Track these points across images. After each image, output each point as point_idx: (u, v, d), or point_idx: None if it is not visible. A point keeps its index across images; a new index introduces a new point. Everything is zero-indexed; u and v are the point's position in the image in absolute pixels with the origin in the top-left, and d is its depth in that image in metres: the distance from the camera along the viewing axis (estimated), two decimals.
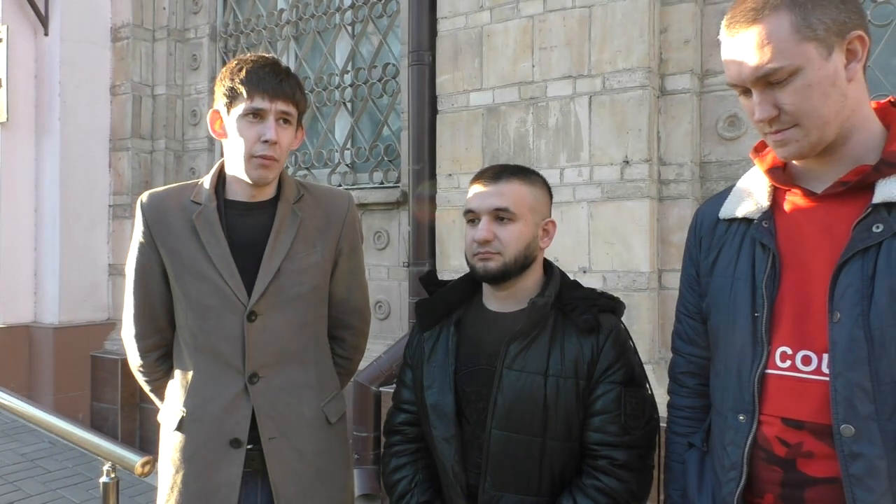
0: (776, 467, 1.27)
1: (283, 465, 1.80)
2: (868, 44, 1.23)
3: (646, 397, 1.65)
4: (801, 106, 1.20)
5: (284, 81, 1.74)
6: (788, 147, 1.24)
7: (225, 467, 1.76)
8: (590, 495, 1.56)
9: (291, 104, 1.76)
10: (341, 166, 4.85)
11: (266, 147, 1.72)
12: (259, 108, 1.72)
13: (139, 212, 1.85)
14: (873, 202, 1.20)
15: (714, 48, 3.28)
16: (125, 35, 5.67)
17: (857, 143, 1.27)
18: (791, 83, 1.19)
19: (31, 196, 5.59)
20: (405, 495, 1.75)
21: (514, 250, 1.63)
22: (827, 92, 1.20)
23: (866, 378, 1.17)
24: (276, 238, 1.80)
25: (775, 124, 1.23)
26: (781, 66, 1.19)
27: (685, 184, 3.24)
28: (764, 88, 1.22)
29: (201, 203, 1.81)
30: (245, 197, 1.83)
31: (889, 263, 1.17)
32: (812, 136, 1.22)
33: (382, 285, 4.45)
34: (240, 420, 1.77)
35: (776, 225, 1.34)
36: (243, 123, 1.74)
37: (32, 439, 4.92)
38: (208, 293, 1.77)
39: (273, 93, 1.72)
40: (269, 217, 1.83)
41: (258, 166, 1.74)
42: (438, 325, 1.77)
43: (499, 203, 1.64)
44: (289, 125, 1.77)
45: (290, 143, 1.80)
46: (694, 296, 1.52)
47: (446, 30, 3.84)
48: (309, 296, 1.85)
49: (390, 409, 1.89)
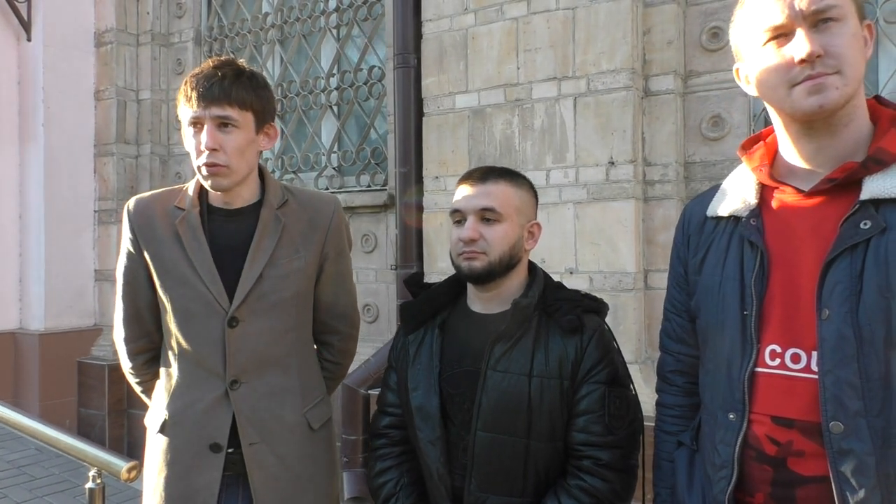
0: (767, 466, 1.27)
1: (264, 471, 1.79)
2: (874, 35, 1.26)
3: (630, 397, 1.65)
4: (847, 51, 1.20)
5: (218, 85, 1.68)
6: (826, 93, 1.21)
7: (205, 471, 1.76)
8: (574, 496, 1.57)
9: (232, 107, 1.69)
10: (328, 170, 4.84)
11: (206, 155, 1.69)
12: (196, 116, 1.70)
13: (126, 218, 1.85)
14: (861, 199, 1.20)
15: (697, 49, 3.31)
16: (109, 40, 5.64)
17: (851, 133, 1.27)
18: (839, 28, 1.20)
19: (15, 202, 5.55)
20: (390, 498, 1.75)
21: (500, 250, 1.64)
22: (862, 51, 1.23)
23: (855, 375, 1.17)
24: (259, 243, 1.79)
25: (818, 66, 1.20)
26: (838, 5, 1.20)
27: (670, 184, 3.26)
28: (811, 28, 1.21)
29: (185, 209, 1.80)
30: (222, 203, 1.82)
31: (877, 260, 1.17)
32: (849, 88, 1.21)
33: (370, 288, 4.44)
34: (220, 425, 1.77)
35: (764, 223, 1.34)
36: (188, 134, 1.74)
37: (19, 446, 4.87)
38: (190, 298, 1.77)
39: (206, 99, 1.68)
40: (251, 222, 1.81)
41: (207, 175, 1.72)
42: (423, 327, 1.78)
43: (485, 203, 1.64)
44: (235, 129, 1.71)
45: (242, 146, 1.73)
46: (682, 294, 1.53)
47: (431, 32, 3.85)
48: (291, 301, 1.84)
49: (375, 413, 1.89)
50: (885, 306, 1.16)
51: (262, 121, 1.79)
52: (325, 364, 2.03)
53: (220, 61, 1.74)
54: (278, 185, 1.91)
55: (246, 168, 1.77)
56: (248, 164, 1.78)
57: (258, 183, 1.87)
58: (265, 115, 1.80)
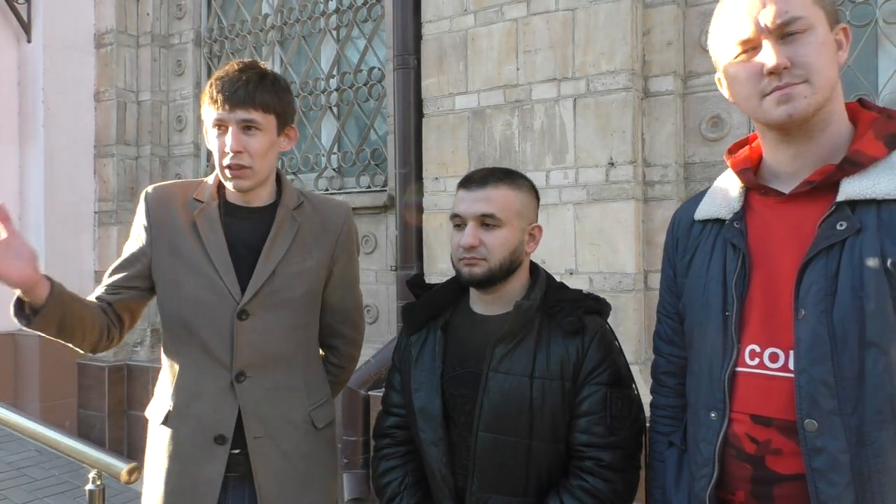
0: (746, 464, 1.29)
1: (268, 465, 1.80)
2: (850, 40, 1.28)
3: (632, 398, 1.66)
4: (814, 60, 1.22)
5: (243, 88, 1.71)
6: (794, 102, 1.23)
7: (208, 464, 1.77)
8: (576, 496, 1.57)
9: (256, 110, 1.73)
10: (328, 170, 4.84)
11: (230, 157, 1.73)
12: (220, 118, 1.73)
13: (143, 203, 1.86)
14: (837, 200, 1.23)
15: (697, 49, 3.31)
16: (109, 41, 5.63)
17: (829, 137, 1.29)
18: (806, 38, 1.22)
19: (15, 203, 5.54)
20: (395, 498, 1.76)
21: (500, 256, 1.64)
22: (832, 58, 1.25)
23: (829, 374, 1.19)
24: (274, 241, 1.82)
25: (786, 76, 1.23)
26: (803, 17, 1.22)
27: (670, 185, 3.26)
28: (777, 41, 1.23)
29: (204, 201, 1.83)
30: (240, 201, 1.85)
31: (851, 261, 1.19)
32: (818, 96, 1.24)
33: (370, 289, 4.44)
34: (225, 417, 1.78)
35: (747, 225, 1.36)
36: (212, 134, 1.77)
37: (19, 448, 4.87)
38: (203, 287, 1.78)
39: (231, 102, 1.71)
40: (267, 221, 1.84)
41: (230, 176, 1.75)
42: (425, 328, 1.78)
43: (485, 209, 1.64)
44: (258, 131, 1.74)
45: (265, 148, 1.76)
46: (672, 296, 1.55)
47: (431, 33, 3.85)
48: (301, 300, 1.86)
49: (380, 413, 1.89)
50: (859, 306, 1.18)
51: (284, 123, 1.82)
52: (330, 368, 2.04)
53: (244, 64, 1.77)
54: (293, 187, 1.94)
55: (267, 169, 1.81)
56: (270, 166, 1.82)
57: (274, 184, 1.91)
58: (287, 118, 1.83)
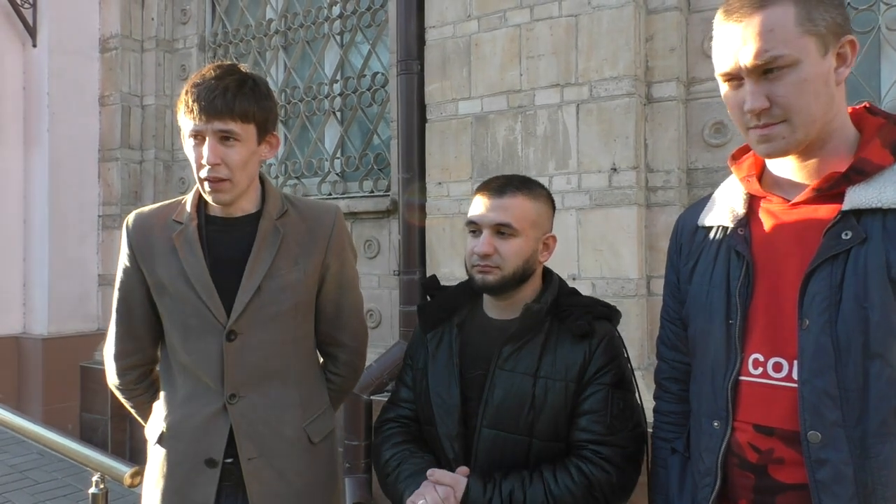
0: (749, 473, 1.29)
1: (263, 486, 1.77)
2: (857, 50, 1.24)
3: (633, 402, 1.66)
4: (793, 100, 1.19)
5: (220, 97, 1.63)
6: (773, 143, 1.23)
7: (200, 486, 1.75)
8: (569, 472, 1.57)
9: (234, 121, 1.66)
10: (331, 175, 4.85)
11: (208, 170, 1.67)
12: (196, 129, 1.66)
13: (125, 233, 1.83)
14: (843, 209, 1.21)
15: (699, 56, 3.32)
16: (114, 46, 5.66)
17: (833, 148, 1.27)
18: (787, 76, 1.19)
19: (20, 207, 5.57)
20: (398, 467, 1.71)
21: (514, 265, 1.65)
22: (819, 91, 1.20)
23: (833, 385, 1.18)
24: (257, 255, 1.76)
25: (764, 117, 1.22)
26: (783, 55, 1.18)
27: (672, 190, 3.27)
28: (759, 78, 1.21)
29: (182, 222, 1.78)
30: (222, 213, 1.80)
31: (856, 271, 1.18)
32: (798, 134, 1.22)
33: (373, 294, 4.45)
34: (216, 440, 1.75)
35: (751, 232, 1.35)
36: (188, 144, 1.71)
37: (21, 451, 4.88)
38: (188, 314, 1.75)
39: (208, 112, 1.63)
40: (250, 233, 1.78)
41: (208, 189, 1.70)
42: (441, 326, 1.78)
43: (501, 218, 1.65)
44: (237, 142, 1.68)
45: (244, 159, 1.70)
46: (675, 302, 1.54)
47: (434, 39, 3.86)
48: (290, 313, 1.81)
49: (385, 406, 1.88)
50: (864, 317, 1.16)
51: (265, 131, 1.76)
52: (331, 377, 1.99)
53: (221, 69, 1.70)
54: (278, 194, 1.88)
55: (247, 180, 1.75)
56: (250, 176, 1.76)
57: (259, 192, 1.84)
58: (267, 125, 1.76)
